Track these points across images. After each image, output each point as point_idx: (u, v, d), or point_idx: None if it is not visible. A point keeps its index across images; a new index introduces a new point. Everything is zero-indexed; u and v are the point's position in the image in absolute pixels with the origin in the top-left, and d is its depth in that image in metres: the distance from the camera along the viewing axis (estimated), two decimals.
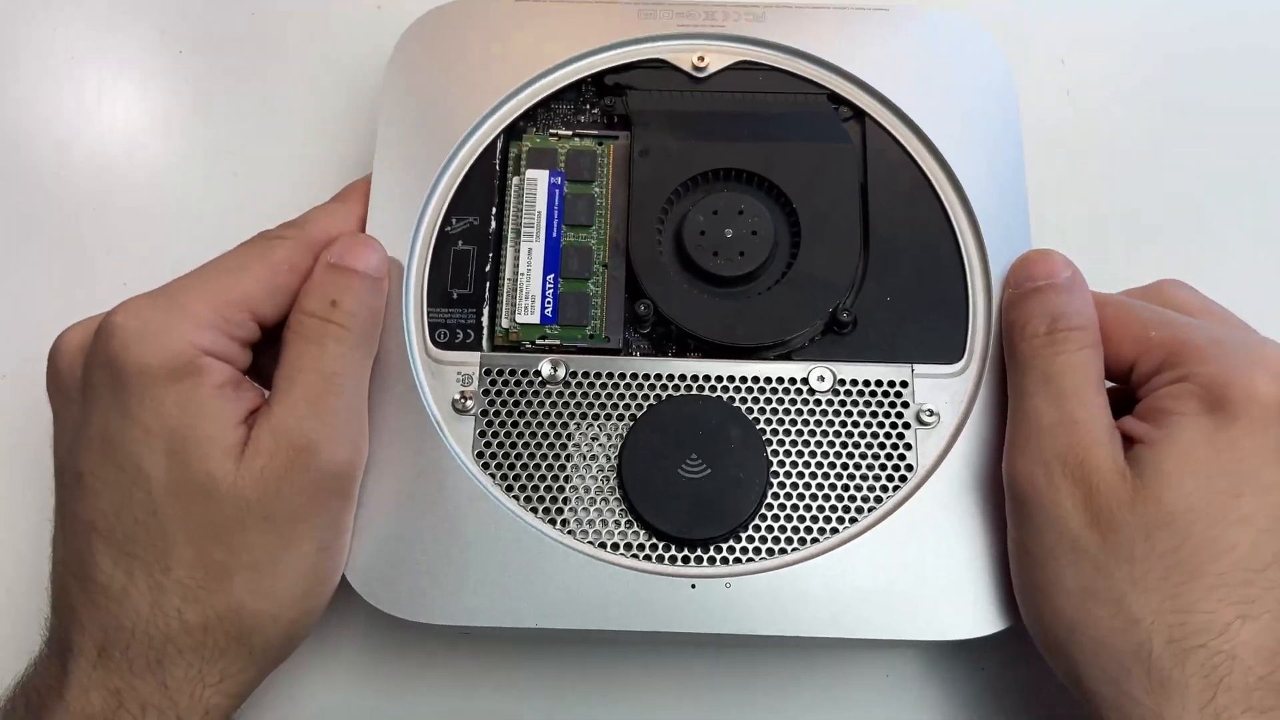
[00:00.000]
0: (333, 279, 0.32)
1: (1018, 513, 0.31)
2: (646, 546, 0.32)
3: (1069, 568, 0.29)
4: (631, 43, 0.39)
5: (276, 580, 0.30)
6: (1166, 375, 0.30)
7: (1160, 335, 0.31)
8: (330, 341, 0.31)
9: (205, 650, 0.29)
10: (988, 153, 0.37)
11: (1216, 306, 0.33)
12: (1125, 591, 0.28)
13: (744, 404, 0.34)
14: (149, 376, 0.29)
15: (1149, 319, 0.31)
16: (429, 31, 0.39)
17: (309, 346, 0.31)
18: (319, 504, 0.30)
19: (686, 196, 0.37)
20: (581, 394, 0.34)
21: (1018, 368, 0.32)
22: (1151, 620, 0.27)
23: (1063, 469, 0.29)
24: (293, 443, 0.29)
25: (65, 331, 0.32)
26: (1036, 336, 0.32)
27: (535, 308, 0.35)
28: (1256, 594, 0.27)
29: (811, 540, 0.32)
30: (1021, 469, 0.30)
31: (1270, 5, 0.46)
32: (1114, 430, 0.30)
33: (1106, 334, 0.32)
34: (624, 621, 0.31)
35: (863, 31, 0.39)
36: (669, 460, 0.33)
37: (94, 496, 0.29)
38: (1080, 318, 0.31)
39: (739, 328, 0.35)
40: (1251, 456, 0.28)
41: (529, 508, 0.33)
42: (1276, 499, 0.28)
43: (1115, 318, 0.32)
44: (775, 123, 0.37)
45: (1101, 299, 0.33)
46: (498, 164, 0.37)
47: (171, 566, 0.29)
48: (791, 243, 0.36)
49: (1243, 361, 0.29)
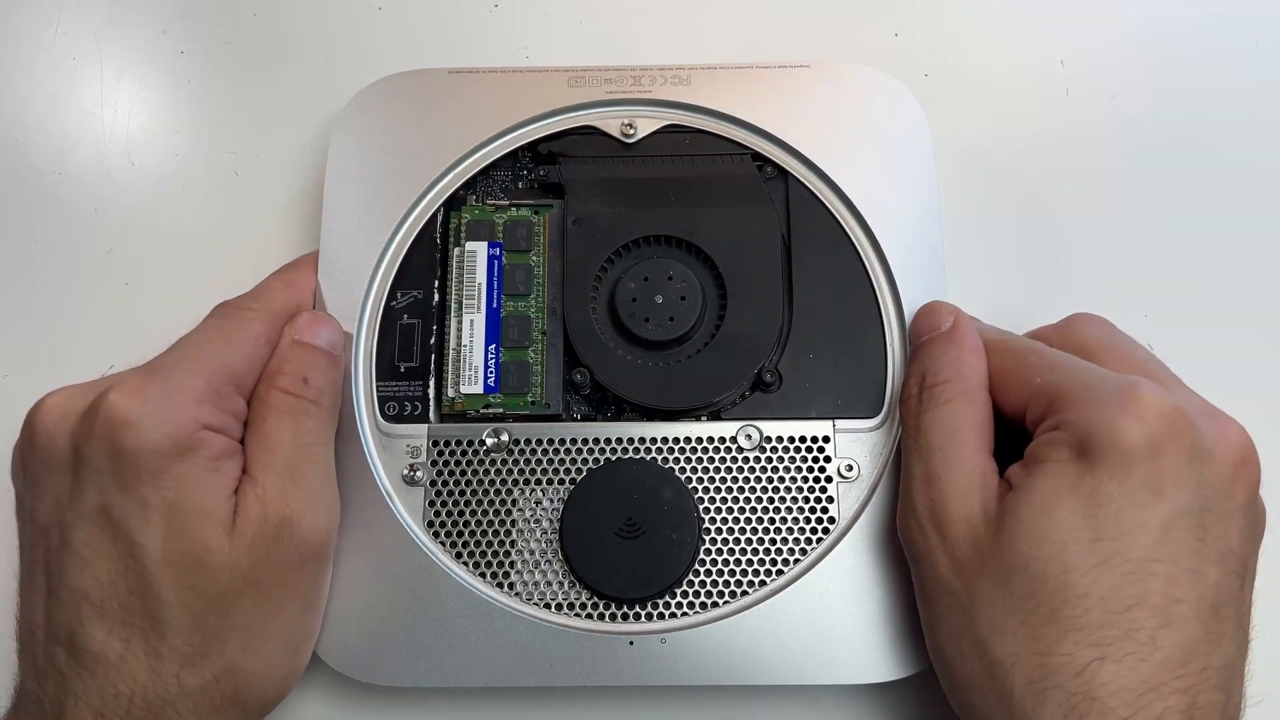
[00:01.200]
0: (300, 356, 0.34)
1: (909, 561, 0.33)
2: (588, 605, 0.35)
3: (944, 611, 0.31)
4: (562, 111, 0.40)
5: (267, 641, 0.32)
6: (1047, 422, 0.31)
7: (1044, 381, 0.32)
8: (303, 416, 0.33)
9: (203, 711, 0.31)
10: (903, 207, 0.39)
11: (1123, 341, 0.34)
12: (988, 634, 0.29)
13: (677, 464, 0.36)
14: (155, 458, 0.30)
15: (1036, 364, 0.32)
16: (368, 106, 0.40)
17: (285, 420, 0.33)
18: (302, 568, 0.32)
19: (619, 263, 0.39)
20: (525, 460, 0.36)
21: (902, 426, 0.35)
22: (1012, 662, 0.28)
23: (930, 520, 0.31)
24: (278, 513, 0.32)
25: (46, 401, 0.33)
26: (911, 397, 0.34)
27: (479, 377, 0.37)
28: (1117, 636, 0.28)
29: (741, 593, 0.35)
30: (901, 521, 0.33)
31: (1271, 5, 0.47)
32: (985, 479, 0.31)
33: (999, 382, 0.33)
34: (567, 678, 0.34)
35: (784, 91, 0.40)
36: (606, 524, 0.35)
37: (88, 567, 0.30)
38: (949, 370, 0.33)
39: (670, 391, 0.37)
40: (1114, 500, 0.29)
41: (477, 573, 0.35)
42: (1143, 541, 0.28)
43: (1005, 367, 0.33)
44: (701, 187, 0.39)
45: (996, 345, 0.34)
46: (439, 236, 0.39)
47: (168, 634, 0.30)
48: (719, 305, 0.38)
49: (1112, 406, 0.29)
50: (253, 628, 0.31)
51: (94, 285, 0.43)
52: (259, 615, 0.31)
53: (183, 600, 0.30)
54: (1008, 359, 0.33)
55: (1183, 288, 0.42)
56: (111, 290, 0.42)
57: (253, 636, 0.31)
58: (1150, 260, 0.42)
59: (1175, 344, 0.41)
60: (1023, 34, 0.46)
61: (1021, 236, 0.43)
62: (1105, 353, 0.33)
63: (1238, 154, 0.44)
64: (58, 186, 0.44)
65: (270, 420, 0.33)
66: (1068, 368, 0.32)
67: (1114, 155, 0.44)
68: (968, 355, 0.34)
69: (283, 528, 0.32)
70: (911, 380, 0.34)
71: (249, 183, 0.44)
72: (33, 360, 0.41)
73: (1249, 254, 0.43)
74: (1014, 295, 0.41)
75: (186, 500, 0.31)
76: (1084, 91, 0.45)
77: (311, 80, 0.46)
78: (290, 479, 0.32)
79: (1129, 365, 0.33)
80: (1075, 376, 0.31)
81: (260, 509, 0.31)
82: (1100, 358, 0.33)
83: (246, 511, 0.31)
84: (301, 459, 0.33)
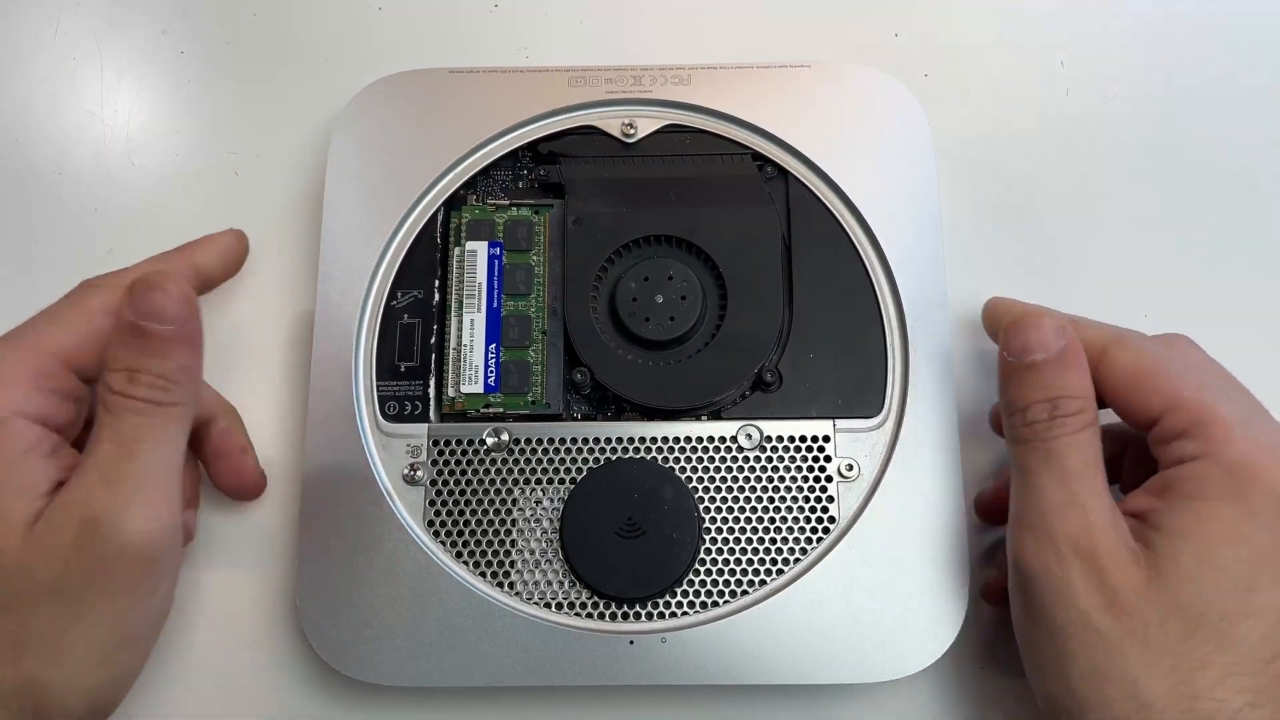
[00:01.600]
0: (129, 344, 0.30)
1: (1026, 589, 0.31)
2: (589, 605, 0.35)
3: (1081, 647, 0.29)
4: (563, 111, 0.40)
5: (67, 650, 0.29)
6: (1189, 445, 0.30)
7: (1193, 398, 0.30)
8: (127, 413, 0.30)
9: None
10: (904, 207, 0.39)
11: (1226, 374, 0.33)
12: (1138, 675, 0.28)
13: (677, 463, 0.36)
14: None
15: (1181, 378, 0.31)
16: (368, 106, 0.40)
17: (106, 417, 0.30)
18: (114, 574, 0.30)
19: (619, 262, 0.39)
20: (525, 460, 0.36)
21: (1020, 446, 0.32)
22: (1164, 705, 0.28)
23: (1074, 551, 0.29)
24: (81, 514, 0.29)
25: None
26: (1038, 421, 0.31)
27: (479, 377, 0.37)
28: (1265, 684, 0.28)
29: (741, 593, 0.35)
30: (1030, 547, 0.31)
31: (1271, 5, 0.46)
32: (1116, 512, 0.30)
33: (1134, 383, 0.32)
34: (567, 677, 0.34)
35: (784, 91, 0.40)
36: (607, 524, 0.35)
37: None
38: (1079, 399, 0.31)
39: (670, 391, 0.37)
40: (1270, 551, 0.29)
41: (478, 573, 0.35)
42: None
43: (1145, 368, 0.32)
44: (701, 187, 0.39)
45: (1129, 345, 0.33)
46: (439, 236, 0.39)
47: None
48: (720, 305, 0.38)
49: (1268, 450, 0.29)
50: (51, 636, 0.29)
51: None
52: (56, 623, 0.29)
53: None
54: (1151, 362, 0.32)
55: (1183, 287, 0.42)
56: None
57: (50, 645, 0.29)
58: (1150, 260, 0.42)
59: None
60: (1023, 34, 0.46)
61: (1021, 236, 0.43)
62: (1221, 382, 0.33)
63: (1238, 154, 0.44)
64: (58, 186, 0.44)
65: (98, 415, 0.30)
66: (1216, 391, 0.31)
67: (1114, 155, 0.44)
68: (1089, 381, 0.32)
69: (86, 529, 0.29)
70: (1036, 404, 0.31)
71: (249, 183, 0.44)
72: None
73: (1249, 253, 0.43)
74: (1014, 295, 0.41)
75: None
76: (1084, 91, 0.45)
77: (311, 80, 0.46)
78: (102, 478, 0.29)
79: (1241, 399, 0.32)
80: (1231, 407, 0.30)
81: (62, 511, 0.29)
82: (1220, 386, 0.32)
83: (51, 512, 0.29)
84: (120, 456, 0.30)
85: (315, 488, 0.36)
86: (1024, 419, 0.32)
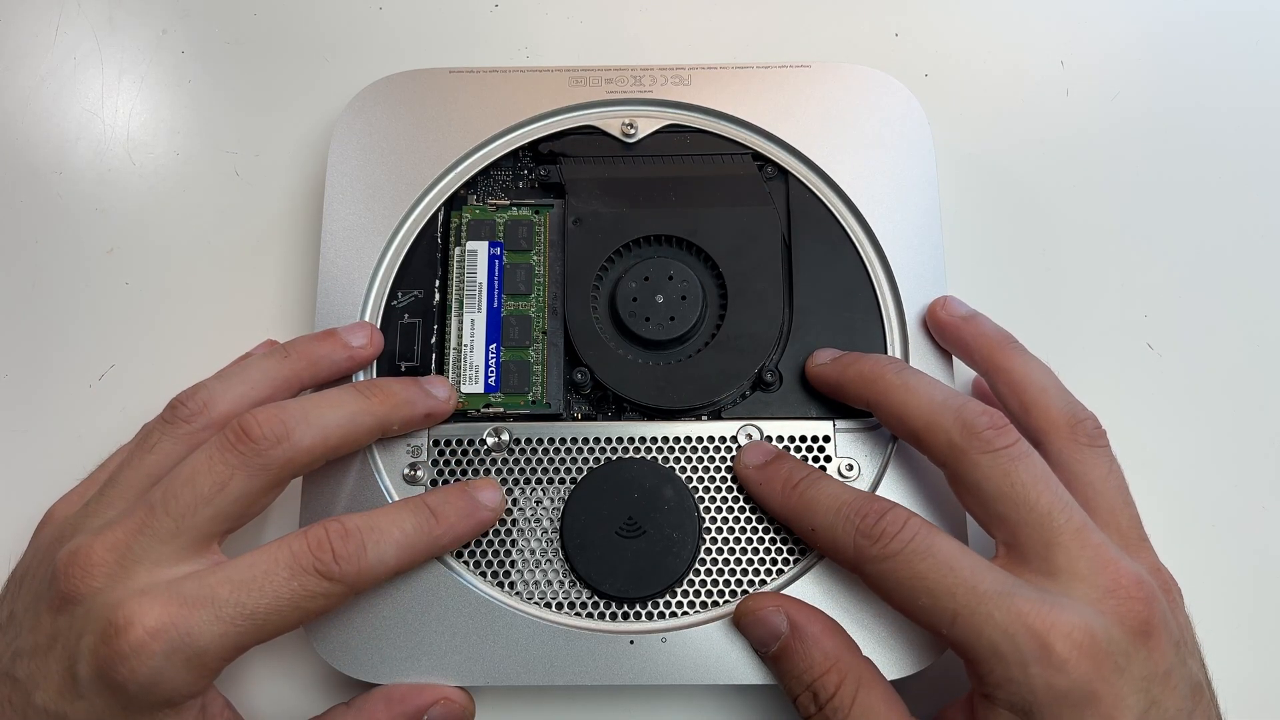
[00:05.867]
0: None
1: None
2: (589, 605, 0.35)
3: None
4: (563, 111, 0.40)
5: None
6: (982, 681, 0.30)
7: (952, 637, 0.30)
8: None
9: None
10: (904, 207, 0.39)
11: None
12: None
13: (678, 463, 0.36)
14: (149, 709, 0.29)
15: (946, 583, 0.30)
16: (368, 106, 0.40)
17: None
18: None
19: (619, 262, 0.39)
20: (525, 460, 0.36)
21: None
22: None
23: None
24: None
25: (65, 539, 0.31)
26: (812, 708, 0.32)
27: (479, 377, 0.37)
28: None
29: (741, 593, 0.35)
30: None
31: (1271, 5, 0.47)
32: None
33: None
34: (567, 677, 0.34)
35: (784, 90, 0.40)
36: (607, 523, 0.35)
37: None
38: (833, 672, 0.31)
39: (671, 391, 0.37)
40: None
41: (478, 573, 0.35)
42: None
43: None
44: (702, 187, 0.39)
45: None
46: (439, 236, 0.39)
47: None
48: (720, 305, 0.38)
49: (1033, 665, 0.28)
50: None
51: (94, 285, 0.43)
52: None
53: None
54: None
55: (1182, 288, 0.42)
56: (112, 290, 0.43)
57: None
58: (1150, 260, 0.42)
59: (1174, 344, 0.41)
60: (1023, 34, 0.46)
61: (1021, 236, 0.43)
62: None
63: (1238, 154, 0.44)
64: (58, 186, 0.44)
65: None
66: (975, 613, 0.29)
67: (1114, 155, 0.44)
68: (833, 642, 0.32)
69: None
70: (805, 695, 0.32)
71: (249, 183, 0.44)
72: (33, 360, 0.41)
73: (1249, 254, 0.43)
74: (1014, 295, 0.42)
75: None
76: (1084, 92, 0.45)
77: (311, 80, 0.46)
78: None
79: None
80: (982, 630, 0.29)
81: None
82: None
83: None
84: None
85: (316, 488, 0.36)
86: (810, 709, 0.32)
